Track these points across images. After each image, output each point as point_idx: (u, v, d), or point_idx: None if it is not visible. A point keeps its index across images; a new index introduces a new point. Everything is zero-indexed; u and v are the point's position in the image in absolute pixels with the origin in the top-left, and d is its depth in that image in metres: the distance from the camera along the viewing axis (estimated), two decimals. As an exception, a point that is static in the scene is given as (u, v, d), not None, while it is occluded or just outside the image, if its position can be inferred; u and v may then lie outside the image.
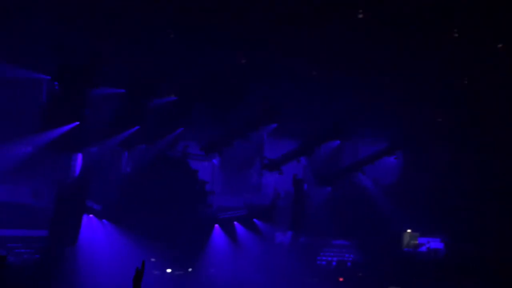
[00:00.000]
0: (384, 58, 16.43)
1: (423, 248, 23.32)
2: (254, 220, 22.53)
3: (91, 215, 18.88)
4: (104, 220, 19.28)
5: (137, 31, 15.82)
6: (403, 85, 18.37)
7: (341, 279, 22.56)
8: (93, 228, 18.86)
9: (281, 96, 20.19)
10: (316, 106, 20.24)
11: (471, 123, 20.36)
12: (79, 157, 18.05)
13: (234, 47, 16.71)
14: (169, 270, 20.33)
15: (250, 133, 21.79)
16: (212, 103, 19.51)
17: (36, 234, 18.03)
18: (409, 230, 23.58)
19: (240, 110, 20.07)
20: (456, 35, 15.91)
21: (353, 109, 20.64)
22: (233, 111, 19.95)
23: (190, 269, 20.84)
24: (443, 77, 18.00)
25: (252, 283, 20.46)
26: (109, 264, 17.93)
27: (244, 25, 15.45)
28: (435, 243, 23.12)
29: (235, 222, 22.32)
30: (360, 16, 14.88)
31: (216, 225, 21.89)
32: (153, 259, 19.84)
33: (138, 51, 16.87)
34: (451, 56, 16.73)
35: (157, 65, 17.78)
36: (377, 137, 23.49)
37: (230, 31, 15.70)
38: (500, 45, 16.05)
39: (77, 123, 17.16)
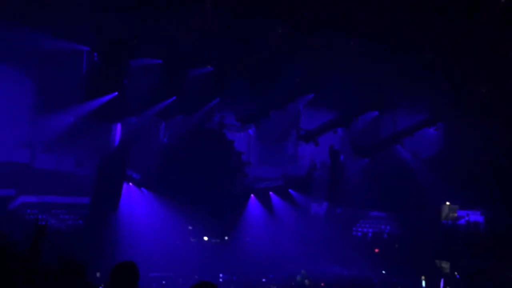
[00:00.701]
0: (425, 24, 15.81)
1: (462, 221, 22.91)
2: (290, 190, 22.62)
3: (130, 184, 19.41)
4: (143, 189, 19.78)
5: (174, 1, 15.81)
6: (446, 53, 17.68)
7: (376, 250, 22.51)
8: (132, 196, 19.41)
9: (318, 67, 19.85)
10: (353, 76, 19.80)
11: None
12: (119, 127, 18.46)
13: (271, 17, 16.46)
14: (205, 238, 20.79)
15: (287, 104, 21.65)
16: (248, 74, 19.41)
17: (79, 201, 18.73)
18: (448, 203, 23.17)
19: (276, 81, 19.90)
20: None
21: (392, 79, 20.09)
22: (270, 82, 19.81)
23: (226, 238, 21.24)
24: (489, 45, 17.22)
25: (287, 252, 20.68)
26: (147, 230, 18.48)
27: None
28: (474, 216, 22.66)
29: (271, 192, 22.48)
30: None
31: (252, 195, 22.10)
32: (190, 227, 20.33)
33: (176, 22, 16.86)
34: (499, 24, 15.95)
35: (194, 36, 17.74)
36: (417, 108, 22.86)
37: (267, 0, 15.46)
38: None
39: (116, 93, 17.47)
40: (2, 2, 14.24)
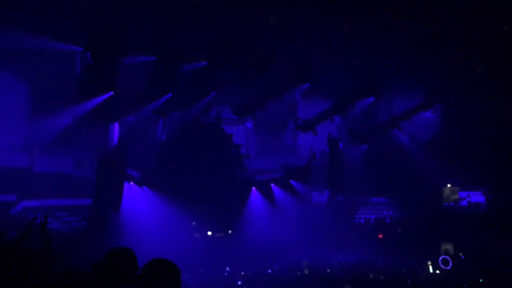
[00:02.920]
0: (417, 7, 15.77)
1: (464, 202, 22.96)
2: (291, 181, 22.64)
3: (131, 183, 19.36)
4: (144, 187, 19.75)
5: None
6: (438, 35, 17.65)
7: (380, 236, 22.56)
8: (134, 195, 19.37)
9: (312, 55, 19.82)
10: (347, 62, 19.79)
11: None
12: (116, 126, 18.40)
13: (261, 7, 16.39)
14: (209, 233, 20.81)
15: (283, 94, 21.64)
16: (242, 66, 19.37)
17: (81, 203, 18.68)
18: (449, 185, 23.22)
19: (271, 72, 19.87)
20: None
21: (386, 63, 20.07)
22: (264, 72, 19.78)
23: (230, 231, 21.26)
24: (482, 24, 17.19)
25: (291, 243, 20.72)
26: (151, 228, 18.45)
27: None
28: (476, 197, 22.71)
29: (272, 184, 22.49)
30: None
31: (253, 188, 22.11)
32: (193, 223, 20.33)
33: (167, 17, 16.79)
34: (491, 3, 15.93)
35: (186, 30, 17.68)
36: (413, 91, 22.88)
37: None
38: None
39: (112, 93, 17.40)
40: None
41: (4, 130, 16.81)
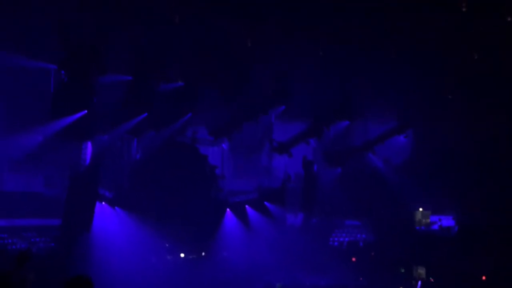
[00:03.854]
0: (390, 34, 16.20)
1: (435, 226, 23.28)
2: (265, 203, 22.59)
3: (103, 203, 19.01)
4: (116, 208, 19.41)
5: (142, 16, 15.76)
6: (411, 62, 18.15)
7: (353, 259, 22.62)
8: (106, 216, 18.99)
9: (287, 78, 20.07)
10: (323, 86, 20.11)
11: (481, 99, 20.13)
12: (89, 145, 18.13)
13: (239, 28, 16.59)
14: (182, 255, 20.50)
15: (258, 117, 21.74)
16: (219, 87, 19.45)
17: (50, 223, 18.22)
18: (421, 209, 23.53)
19: (247, 93, 20.00)
20: (464, 9, 15.63)
21: (360, 88, 20.48)
22: (240, 94, 19.89)
23: (203, 253, 21.00)
24: (452, 52, 17.76)
25: (265, 265, 20.58)
26: (123, 250, 18.10)
27: (248, 4, 15.31)
28: (447, 221, 23.07)
29: (247, 206, 22.40)
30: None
31: (228, 209, 21.97)
32: (166, 244, 20.02)
33: (143, 37, 16.81)
34: (460, 30, 16.48)
35: (163, 51, 17.71)
36: (387, 116, 23.32)
37: (234, 11, 15.58)
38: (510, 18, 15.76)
39: (85, 111, 17.19)
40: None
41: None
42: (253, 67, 19.08)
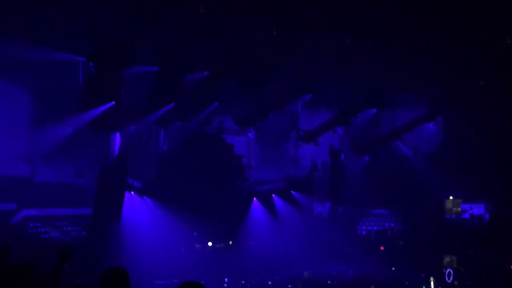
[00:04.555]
0: (420, 19, 15.80)
1: (466, 215, 22.84)
2: (292, 192, 22.56)
3: (132, 192, 19.33)
4: (145, 197, 19.71)
5: (168, 7, 15.79)
6: (442, 47, 17.66)
7: (382, 248, 22.43)
8: (135, 205, 19.33)
9: (314, 66, 19.82)
10: (350, 74, 19.77)
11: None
12: (118, 136, 18.41)
13: (265, 19, 16.45)
14: (210, 244, 20.71)
15: (285, 105, 21.62)
16: (245, 77, 19.38)
17: (81, 212, 18.65)
18: (451, 197, 23.11)
19: (273, 83, 19.87)
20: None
21: (389, 75, 20.05)
22: (266, 84, 19.78)
23: (230, 242, 21.16)
24: (484, 38, 17.21)
25: (292, 254, 20.61)
26: (151, 239, 18.40)
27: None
28: (478, 209, 22.59)
29: (273, 195, 22.42)
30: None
31: (255, 198, 22.04)
32: (194, 233, 20.26)
33: (170, 28, 16.84)
34: (492, 14, 15.94)
35: (189, 41, 17.72)
36: (416, 103, 22.82)
37: (259, 1, 15.45)
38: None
39: (113, 103, 17.42)
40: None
41: (6, 138, 16.84)
42: (279, 56, 18.91)
